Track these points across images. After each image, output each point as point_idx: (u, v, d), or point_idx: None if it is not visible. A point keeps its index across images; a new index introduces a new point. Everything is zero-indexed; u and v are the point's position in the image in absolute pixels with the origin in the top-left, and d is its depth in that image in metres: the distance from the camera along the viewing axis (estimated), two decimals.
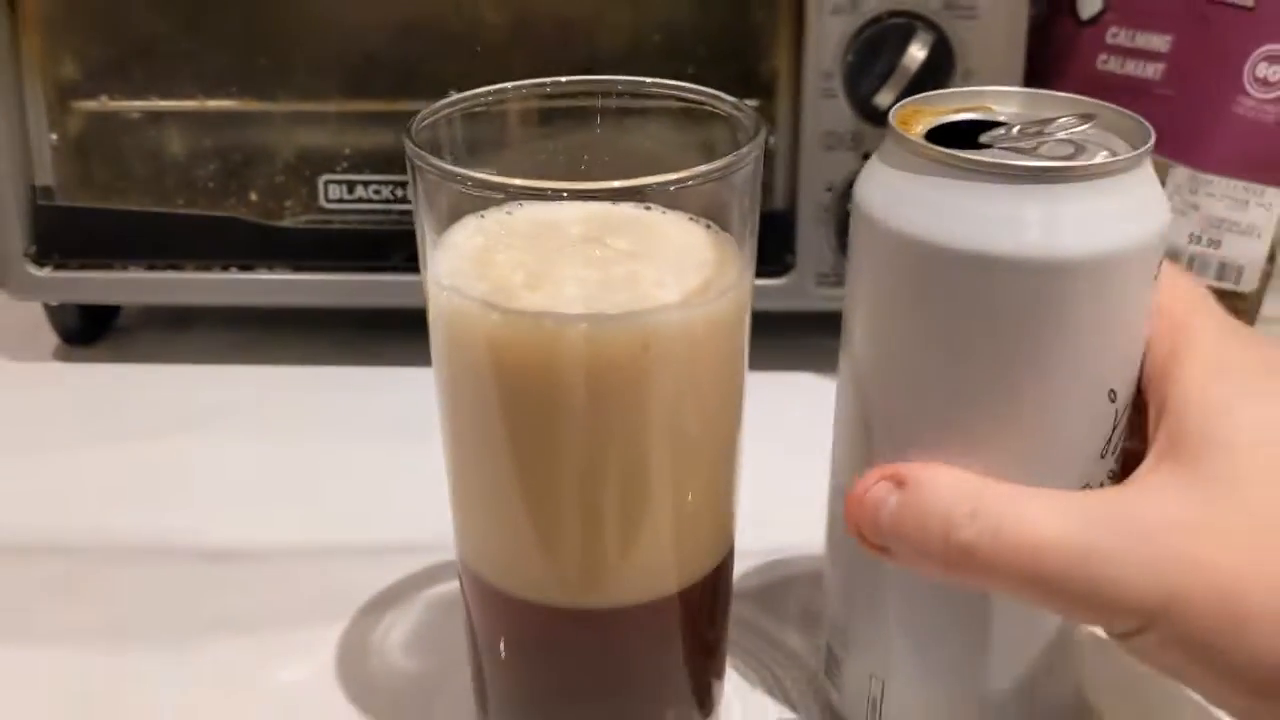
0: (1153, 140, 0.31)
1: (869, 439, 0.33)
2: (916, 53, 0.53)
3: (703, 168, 0.30)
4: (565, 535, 0.32)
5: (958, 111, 0.33)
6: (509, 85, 0.34)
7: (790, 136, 0.56)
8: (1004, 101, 0.34)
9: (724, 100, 0.33)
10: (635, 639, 0.34)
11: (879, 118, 0.54)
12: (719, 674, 0.38)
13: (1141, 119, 0.31)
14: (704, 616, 0.35)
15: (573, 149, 0.34)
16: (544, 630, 0.34)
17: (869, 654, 0.36)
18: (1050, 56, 0.62)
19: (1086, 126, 0.32)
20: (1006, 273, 0.29)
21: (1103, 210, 0.29)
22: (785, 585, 0.46)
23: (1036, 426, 0.31)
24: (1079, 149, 0.31)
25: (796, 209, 0.56)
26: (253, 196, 0.58)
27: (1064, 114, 0.32)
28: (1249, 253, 0.55)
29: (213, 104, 0.58)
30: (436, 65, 0.57)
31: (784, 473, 0.51)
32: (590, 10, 0.57)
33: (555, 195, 0.30)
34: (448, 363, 0.32)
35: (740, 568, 0.38)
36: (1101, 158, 0.30)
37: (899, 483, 0.31)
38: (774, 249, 0.57)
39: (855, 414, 0.34)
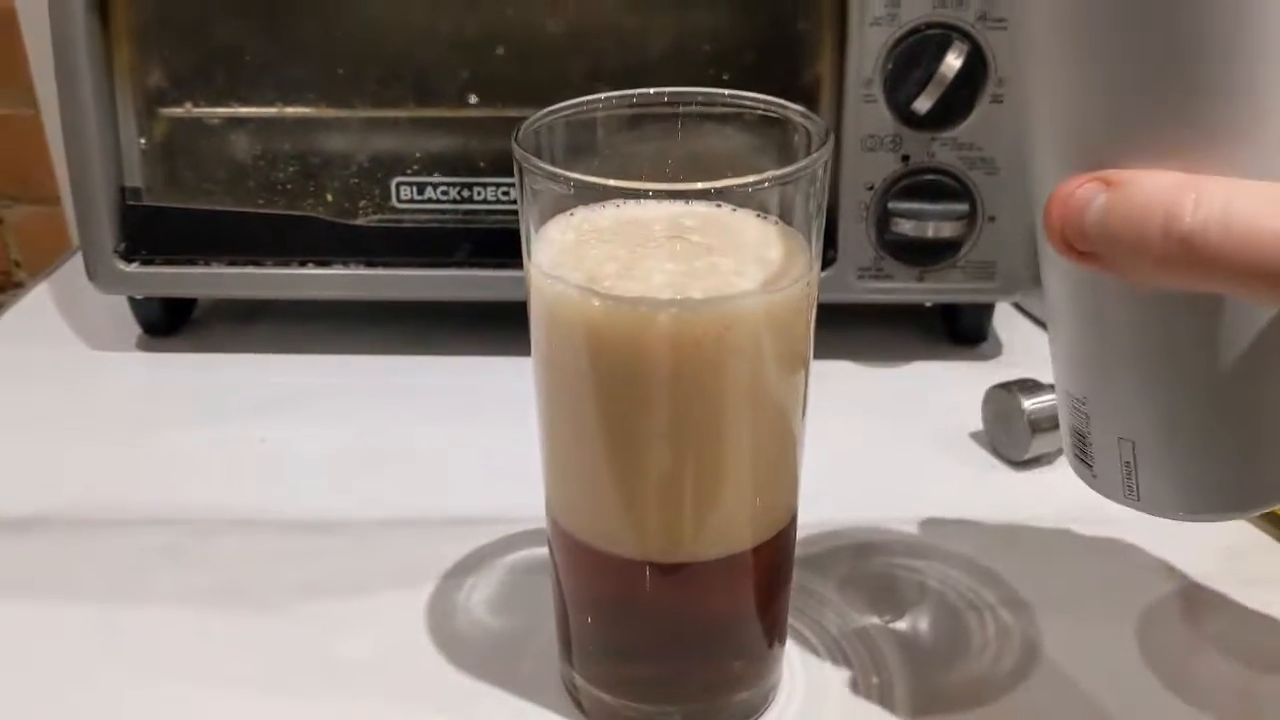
0: None
1: (1062, 163, 0.32)
2: (953, 61, 0.56)
3: (779, 171, 0.33)
4: (651, 496, 0.36)
5: None
6: (600, 96, 0.37)
7: (833, 140, 0.59)
8: None
9: (792, 109, 0.37)
10: (710, 593, 0.38)
11: (917, 122, 0.58)
12: (781, 629, 0.42)
13: None
14: (771, 573, 0.39)
15: (656, 154, 0.38)
16: (628, 584, 0.38)
17: (1113, 418, 0.35)
18: None
19: None
20: None
21: None
22: (830, 553, 0.49)
23: (1245, 147, 0.29)
24: None
25: (839, 206, 0.60)
26: (328, 197, 0.62)
27: None
28: None
29: (290, 110, 0.62)
30: (499, 73, 0.61)
31: (827, 453, 0.55)
32: (642, 20, 0.61)
33: (645, 194, 0.34)
34: (547, 342, 0.36)
35: None
36: None
37: (1107, 184, 0.30)
38: None
39: (1047, 145, 0.33)
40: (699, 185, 0.33)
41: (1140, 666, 0.43)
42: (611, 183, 0.33)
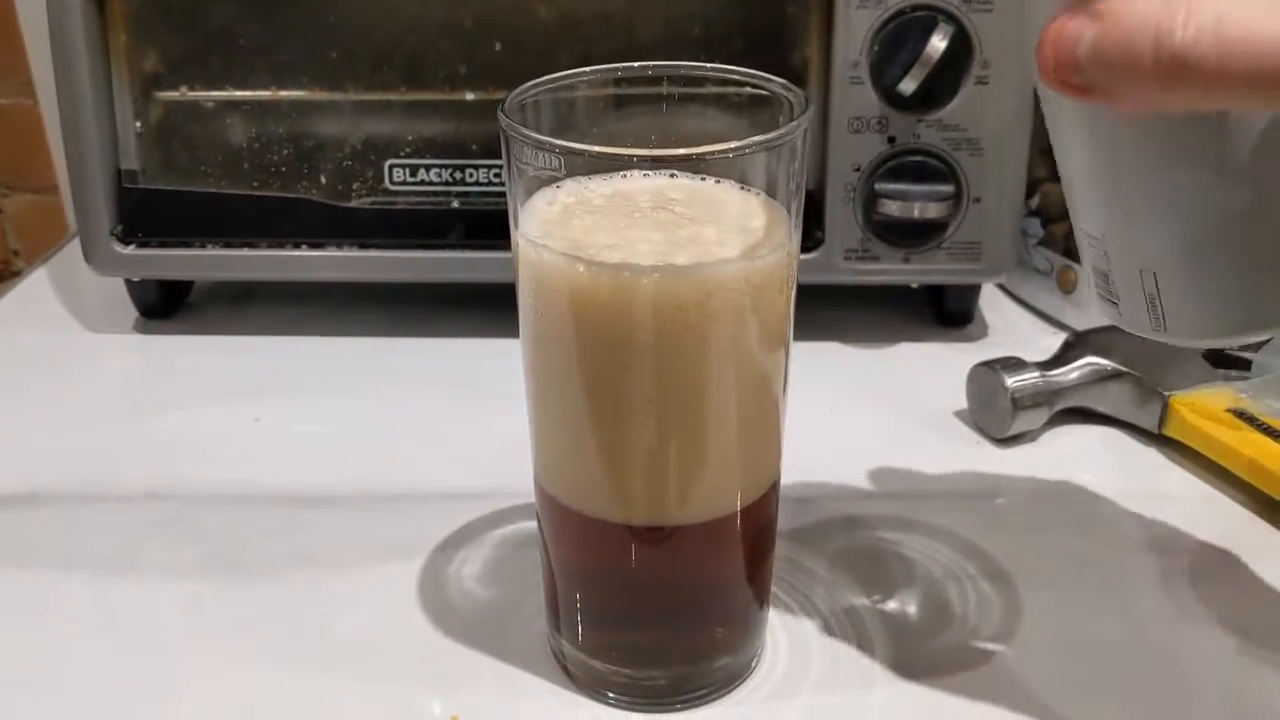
0: None
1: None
2: (938, 43, 0.57)
3: (762, 136, 0.34)
4: (636, 460, 0.37)
5: None
6: (586, 70, 0.38)
7: (820, 121, 0.60)
8: None
9: (773, 81, 0.38)
10: (695, 558, 0.39)
11: (903, 104, 0.59)
12: (765, 596, 0.42)
13: None
14: (754, 539, 0.40)
15: (641, 126, 0.39)
16: (615, 550, 0.38)
17: (1131, 251, 0.36)
18: None
19: None
20: None
21: None
22: (816, 527, 0.50)
23: None
24: None
25: (825, 188, 0.61)
26: (322, 179, 0.63)
27: None
28: None
29: (285, 94, 0.62)
30: (491, 57, 0.61)
31: (814, 431, 0.56)
32: (631, 5, 0.62)
33: (629, 162, 0.34)
34: (534, 310, 0.37)
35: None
36: None
37: (1097, 14, 0.30)
38: (804, 226, 0.61)
39: None
40: (681, 151, 0.34)
41: (1121, 638, 0.44)
42: (595, 149, 0.34)
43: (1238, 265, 0.35)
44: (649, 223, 0.36)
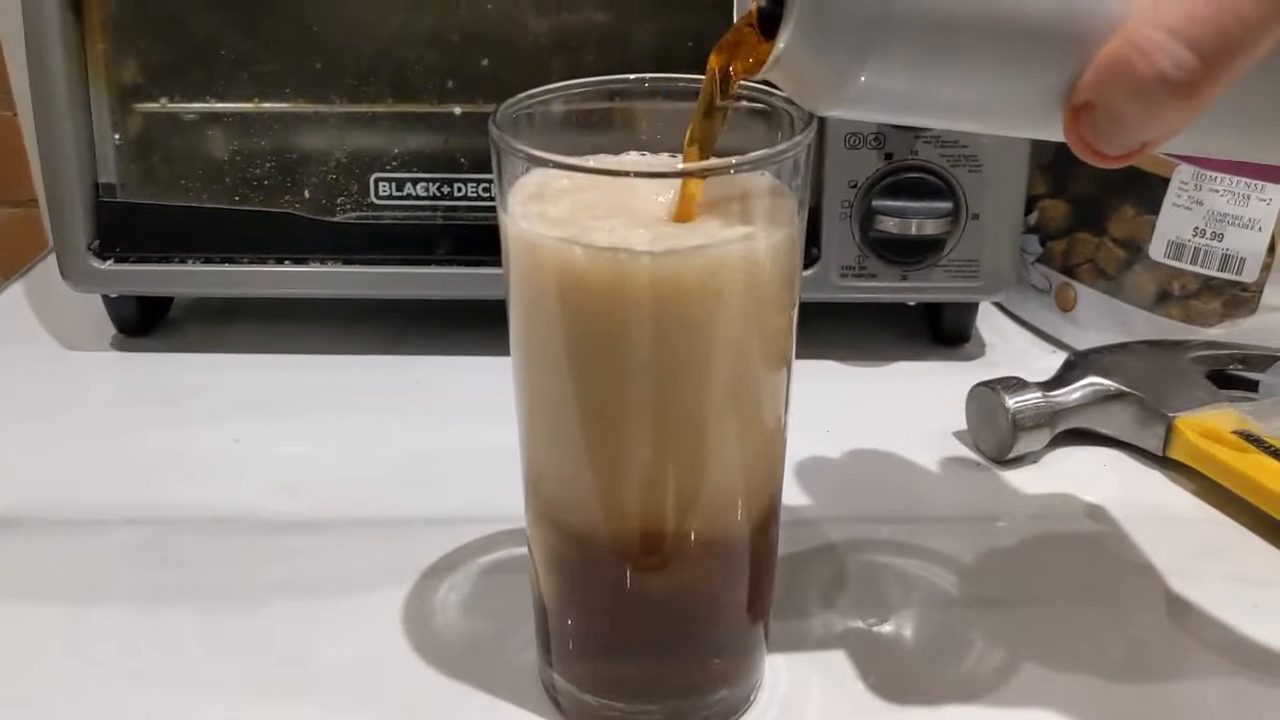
0: None
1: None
2: None
3: (763, 151, 0.33)
4: (634, 463, 0.35)
5: None
6: (580, 81, 0.37)
7: (816, 137, 0.58)
8: None
9: (774, 95, 0.36)
10: (692, 581, 0.37)
11: None
12: (763, 624, 0.41)
13: None
14: (753, 562, 0.38)
15: (636, 140, 0.37)
16: (608, 568, 0.37)
17: None
18: None
19: None
20: None
21: None
22: (814, 551, 0.48)
23: None
24: None
25: (822, 204, 0.59)
26: (306, 193, 0.61)
27: None
28: (1250, 245, 0.59)
29: (268, 106, 0.61)
30: (481, 70, 0.60)
31: (811, 452, 0.55)
32: (624, 18, 0.60)
33: (626, 176, 0.33)
34: (525, 299, 0.35)
35: None
36: None
37: (1082, 107, 0.31)
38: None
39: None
40: (681, 167, 0.32)
41: (1123, 664, 0.43)
42: (590, 163, 0.32)
43: None
44: (649, 203, 0.34)
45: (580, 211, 0.34)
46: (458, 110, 0.60)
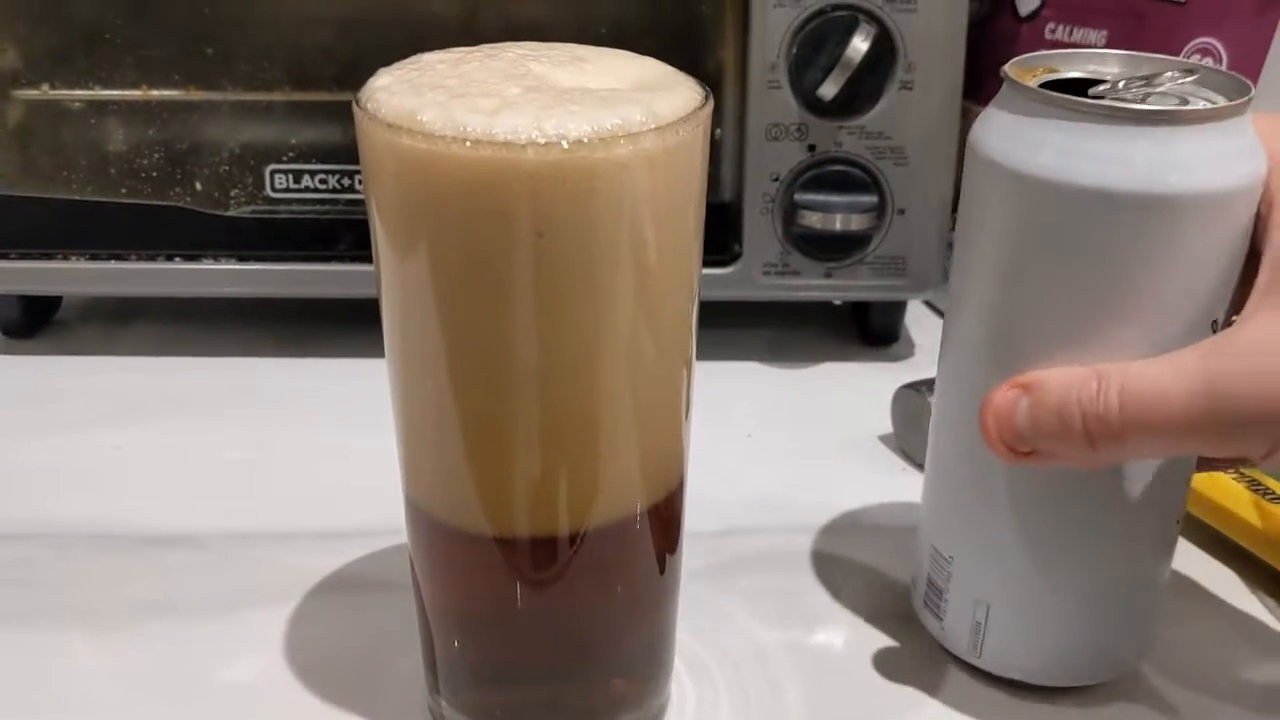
0: (1253, 92, 0.33)
1: (982, 362, 0.36)
2: (859, 44, 0.54)
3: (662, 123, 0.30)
4: (516, 429, 0.31)
5: (1062, 70, 0.36)
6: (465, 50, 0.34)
7: (736, 128, 0.56)
8: (1104, 62, 0.36)
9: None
10: (589, 585, 0.34)
11: (823, 109, 0.55)
12: (668, 640, 0.38)
13: (1239, 75, 0.34)
14: (659, 553, 0.35)
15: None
16: (496, 576, 0.33)
17: (975, 580, 0.38)
18: (991, 51, 0.64)
19: (1190, 78, 0.34)
20: (1120, 208, 0.32)
21: (1209, 152, 0.32)
22: (729, 563, 0.46)
23: (1141, 348, 0.33)
24: (1183, 100, 0.34)
25: (743, 199, 0.57)
26: (198, 186, 0.58)
27: (1166, 70, 0.34)
28: None
29: (156, 94, 0.57)
30: (383, 57, 0.57)
31: (730, 457, 0.52)
32: (538, 4, 0.58)
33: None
34: (390, 219, 0.31)
35: (688, 548, 0.38)
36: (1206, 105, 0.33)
37: (1024, 388, 0.33)
38: (721, 239, 0.58)
39: (968, 340, 0.37)
40: (573, 134, 0.29)
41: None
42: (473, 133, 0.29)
43: (1069, 622, 0.37)
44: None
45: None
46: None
